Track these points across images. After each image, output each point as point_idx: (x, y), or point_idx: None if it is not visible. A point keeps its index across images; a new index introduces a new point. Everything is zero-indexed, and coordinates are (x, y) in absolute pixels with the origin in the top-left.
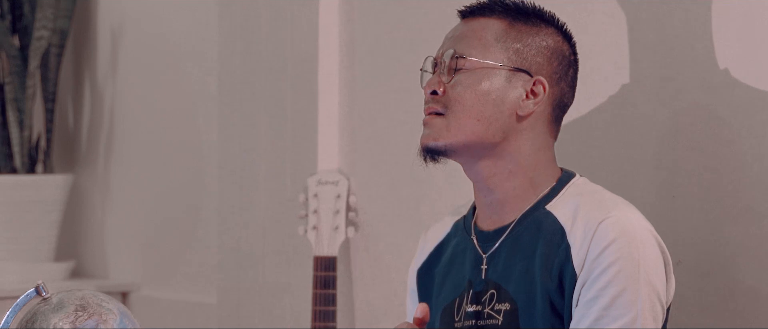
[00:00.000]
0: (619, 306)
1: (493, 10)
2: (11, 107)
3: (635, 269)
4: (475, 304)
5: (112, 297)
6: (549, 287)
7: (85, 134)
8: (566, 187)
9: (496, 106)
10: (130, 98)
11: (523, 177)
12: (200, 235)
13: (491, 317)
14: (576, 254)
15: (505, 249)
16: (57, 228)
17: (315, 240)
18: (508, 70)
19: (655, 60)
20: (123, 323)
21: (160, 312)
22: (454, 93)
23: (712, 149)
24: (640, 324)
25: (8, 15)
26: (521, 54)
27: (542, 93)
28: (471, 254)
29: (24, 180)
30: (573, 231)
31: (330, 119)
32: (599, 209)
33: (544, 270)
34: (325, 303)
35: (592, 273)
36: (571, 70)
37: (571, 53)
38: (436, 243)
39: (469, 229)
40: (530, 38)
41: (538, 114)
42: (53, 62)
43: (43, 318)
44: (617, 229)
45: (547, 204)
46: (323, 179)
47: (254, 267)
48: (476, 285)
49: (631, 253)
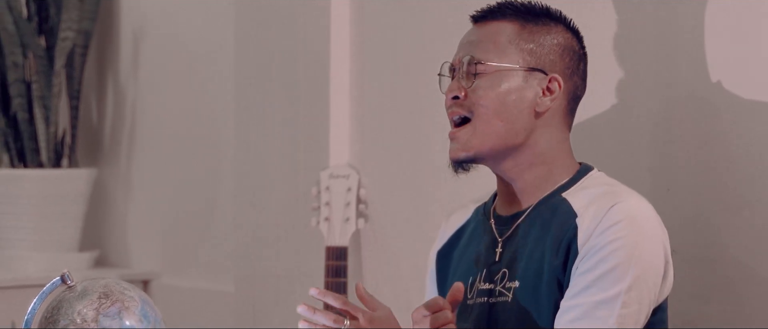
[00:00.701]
0: (607, 279)
1: (505, 13)
2: (38, 104)
3: (631, 251)
4: (488, 282)
5: (134, 285)
6: (555, 264)
7: (108, 130)
8: (584, 179)
9: (516, 105)
10: (150, 95)
11: (542, 168)
12: (217, 226)
13: (502, 294)
14: (582, 233)
15: (519, 232)
16: (81, 220)
17: (327, 231)
18: (524, 71)
19: (651, 59)
20: (144, 310)
21: (180, 300)
22: (475, 97)
23: (704, 143)
24: (621, 302)
25: (35, 17)
26: (535, 54)
27: (558, 89)
28: (488, 237)
29: (50, 174)
30: (584, 215)
31: (341, 116)
32: (612, 197)
33: (553, 249)
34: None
35: (593, 248)
36: (581, 64)
37: (580, 48)
38: (457, 228)
39: (488, 214)
40: (542, 38)
41: (554, 109)
42: (78, 62)
43: (68, 305)
44: (624, 213)
45: (563, 192)
46: (335, 173)
47: (269, 256)
48: (490, 265)
49: (631, 236)
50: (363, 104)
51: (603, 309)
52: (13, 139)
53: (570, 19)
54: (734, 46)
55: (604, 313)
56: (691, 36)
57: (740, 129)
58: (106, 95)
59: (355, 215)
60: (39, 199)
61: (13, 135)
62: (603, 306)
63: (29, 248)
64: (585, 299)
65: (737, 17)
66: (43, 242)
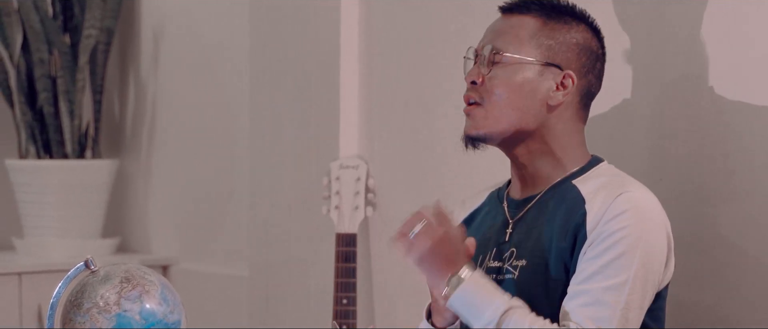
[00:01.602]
0: (614, 267)
1: (530, 8)
2: (63, 99)
3: (637, 240)
4: (497, 260)
5: (154, 270)
6: (563, 247)
7: (129, 123)
8: (594, 169)
9: (529, 96)
10: (170, 90)
11: (553, 157)
12: (233, 214)
13: (509, 272)
14: (591, 219)
15: (530, 215)
16: (104, 208)
17: (337, 219)
18: (541, 65)
19: (645, 58)
20: (164, 293)
21: (198, 284)
22: (491, 84)
23: (695, 136)
24: (629, 289)
25: (60, 15)
26: (553, 50)
27: (571, 85)
28: (500, 219)
29: (74, 165)
30: (593, 201)
31: (350, 110)
32: (620, 186)
33: (561, 232)
34: (346, 276)
35: (600, 235)
36: (598, 63)
37: (599, 47)
38: (471, 211)
39: (501, 198)
40: (562, 35)
41: (567, 103)
42: (101, 58)
43: (91, 289)
44: (631, 203)
45: (573, 180)
46: (344, 164)
47: (282, 243)
48: (500, 245)
49: (637, 226)
50: (371, 99)
51: (611, 294)
52: (40, 131)
53: (593, 20)
54: (724, 50)
55: (612, 299)
56: (685, 40)
57: (732, 123)
58: (127, 90)
59: (364, 203)
60: (64, 188)
61: (40, 128)
62: (611, 291)
63: (54, 235)
64: (593, 285)
65: (728, 21)
66: (68, 230)
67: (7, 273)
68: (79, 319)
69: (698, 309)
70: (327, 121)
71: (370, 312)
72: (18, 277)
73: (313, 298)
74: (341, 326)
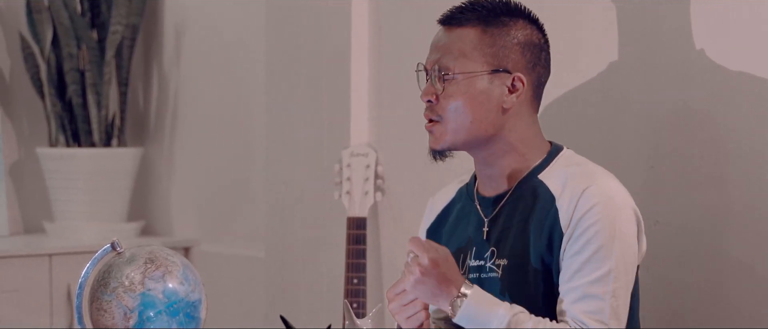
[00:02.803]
0: (597, 259)
1: (468, 19)
2: (91, 91)
3: (612, 230)
4: (478, 260)
5: (176, 252)
6: (540, 245)
7: (153, 113)
8: (556, 159)
9: (483, 105)
10: (191, 82)
11: (516, 154)
12: (251, 199)
13: (492, 271)
14: (563, 216)
15: (504, 214)
16: (129, 193)
17: (348, 203)
18: (489, 74)
19: (639, 53)
20: (185, 273)
21: (217, 264)
22: (445, 101)
23: (685, 126)
24: (613, 277)
25: (88, 13)
26: (497, 56)
27: (522, 87)
28: (474, 217)
29: (101, 153)
30: (562, 197)
31: (360, 101)
32: (584, 178)
33: (537, 231)
34: (356, 257)
35: (576, 231)
36: (543, 54)
37: (540, 38)
38: (443, 206)
39: (472, 195)
40: (502, 39)
41: (520, 102)
42: (126, 53)
43: (117, 269)
44: (598, 196)
45: (539, 174)
46: (355, 152)
47: (297, 226)
48: (478, 244)
49: (609, 216)
50: (380, 91)
51: (598, 286)
52: (69, 121)
53: (529, 11)
54: (714, 46)
55: (600, 290)
56: (677, 37)
57: (717, 116)
58: (151, 82)
59: (373, 189)
60: (91, 175)
61: (69, 118)
62: (597, 284)
63: (83, 219)
64: (579, 281)
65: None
66: (95, 214)
67: (38, 254)
68: (106, 298)
69: (686, 288)
70: (338, 111)
71: (380, 291)
72: (48, 258)
73: (326, 278)
74: (352, 304)
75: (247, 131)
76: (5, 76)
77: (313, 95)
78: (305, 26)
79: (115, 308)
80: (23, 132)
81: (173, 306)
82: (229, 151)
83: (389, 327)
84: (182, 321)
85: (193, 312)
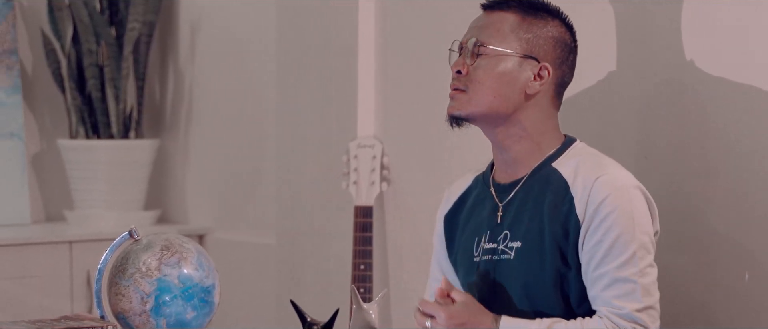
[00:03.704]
0: (620, 245)
1: (510, 5)
2: (109, 85)
3: (629, 216)
4: (492, 242)
5: (191, 239)
6: (555, 230)
7: (169, 107)
8: (569, 149)
9: (508, 85)
10: (205, 77)
11: (531, 141)
12: (262, 188)
13: (505, 253)
14: (578, 204)
15: (518, 199)
16: (146, 183)
17: (355, 193)
18: (520, 57)
19: (634, 49)
20: (200, 260)
21: (230, 251)
22: (475, 74)
23: (677, 118)
24: (638, 258)
25: (107, 10)
26: (531, 43)
27: (547, 76)
28: (489, 202)
29: (119, 144)
30: (575, 185)
31: (367, 95)
32: (595, 168)
33: (552, 216)
34: (363, 244)
35: (593, 222)
36: (571, 56)
37: (572, 41)
38: (460, 194)
39: (487, 182)
40: (539, 29)
41: (543, 92)
42: (143, 49)
43: (134, 255)
44: (609, 185)
45: (552, 162)
46: (362, 144)
47: (306, 214)
48: (493, 228)
49: (624, 204)
50: (386, 85)
51: (625, 269)
52: (88, 114)
53: (566, 16)
54: (704, 43)
55: (628, 272)
56: (670, 34)
57: (706, 108)
58: (167, 77)
59: (379, 179)
60: (110, 166)
61: (88, 111)
62: (625, 267)
63: (102, 207)
64: (606, 267)
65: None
66: (114, 203)
67: (59, 241)
68: (124, 283)
69: (680, 268)
70: (346, 105)
71: (385, 276)
72: (69, 245)
73: (334, 264)
74: (359, 289)
75: (258, 124)
76: (28, 71)
77: (322, 89)
78: (314, 24)
79: (133, 292)
80: (45, 125)
81: (188, 290)
82: (241, 143)
83: (394, 311)
84: (197, 305)
85: (207, 296)
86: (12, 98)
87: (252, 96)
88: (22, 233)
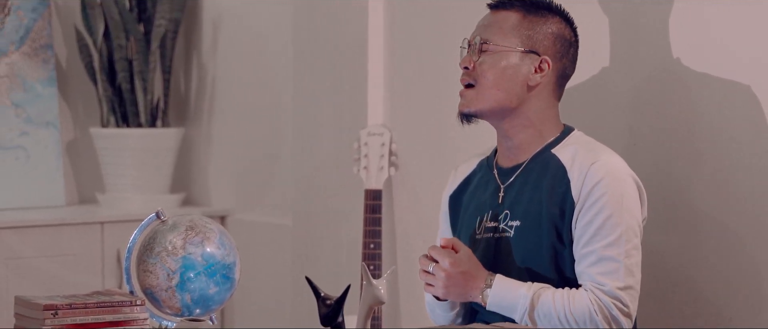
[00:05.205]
0: (609, 226)
1: (513, 4)
2: (138, 78)
3: (619, 200)
4: (493, 221)
5: (213, 220)
6: (553, 211)
7: (193, 97)
8: (568, 137)
9: (512, 79)
10: (227, 70)
11: (534, 129)
12: (280, 173)
13: (505, 231)
14: (574, 187)
15: (519, 182)
16: (172, 168)
17: (365, 177)
18: (521, 52)
19: (626, 47)
20: (222, 239)
21: (250, 231)
22: (480, 69)
23: (665, 109)
24: (625, 240)
25: (135, 8)
26: (532, 39)
27: (547, 69)
28: (492, 185)
29: (147, 133)
30: (572, 169)
31: (376, 86)
32: (591, 154)
33: (550, 198)
34: (373, 225)
35: (586, 203)
36: (572, 49)
37: (572, 36)
38: (465, 176)
39: (491, 166)
40: (539, 26)
41: (544, 84)
42: (169, 44)
43: (161, 236)
44: (603, 170)
45: (552, 149)
46: (372, 131)
47: (320, 197)
48: (495, 207)
49: (616, 189)
50: (394, 77)
51: (612, 249)
52: (118, 105)
53: (567, 13)
54: (692, 40)
55: (614, 252)
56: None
57: (696, 98)
58: (191, 70)
59: (388, 164)
60: (138, 152)
61: (118, 102)
62: (611, 247)
63: (131, 191)
64: (594, 246)
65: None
66: (142, 186)
67: (91, 222)
68: (151, 261)
69: (668, 247)
70: (357, 95)
71: (393, 255)
72: (100, 226)
73: (346, 243)
74: (369, 266)
75: (275, 114)
76: (63, 65)
77: (334, 81)
78: (327, 20)
79: (160, 269)
80: (78, 114)
81: (211, 267)
82: (260, 131)
83: (402, 286)
84: (219, 281)
85: (229, 273)
86: (48, 90)
87: (270, 88)
88: (57, 215)
